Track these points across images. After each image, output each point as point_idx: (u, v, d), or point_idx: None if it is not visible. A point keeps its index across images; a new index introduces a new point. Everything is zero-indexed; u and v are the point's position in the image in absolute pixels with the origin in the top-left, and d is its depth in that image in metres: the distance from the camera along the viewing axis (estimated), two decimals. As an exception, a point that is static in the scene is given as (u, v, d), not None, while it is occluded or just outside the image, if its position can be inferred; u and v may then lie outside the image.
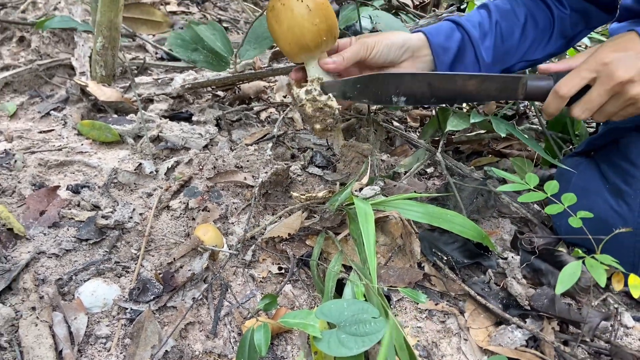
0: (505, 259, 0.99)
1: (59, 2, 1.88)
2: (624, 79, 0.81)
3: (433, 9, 1.99)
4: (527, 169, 1.21)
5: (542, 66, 0.92)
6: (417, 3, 2.03)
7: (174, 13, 2.24)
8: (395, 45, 0.97)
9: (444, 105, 1.25)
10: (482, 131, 1.50)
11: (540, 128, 1.41)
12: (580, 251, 0.86)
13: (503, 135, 1.02)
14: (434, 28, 1.01)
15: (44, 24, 1.16)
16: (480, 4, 1.10)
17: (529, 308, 0.90)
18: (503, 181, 1.22)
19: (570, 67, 0.88)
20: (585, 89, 0.86)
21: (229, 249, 0.99)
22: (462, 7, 1.81)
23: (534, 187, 0.89)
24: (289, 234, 1.00)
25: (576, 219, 0.82)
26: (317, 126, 0.97)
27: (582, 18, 1.10)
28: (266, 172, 1.15)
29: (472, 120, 1.08)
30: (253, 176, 1.19)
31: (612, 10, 1.11)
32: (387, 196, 1.07)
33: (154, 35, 2.00)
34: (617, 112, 0.86)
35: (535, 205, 1.19)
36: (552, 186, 0.88)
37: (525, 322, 0.88)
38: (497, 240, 1.10)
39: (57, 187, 1.11)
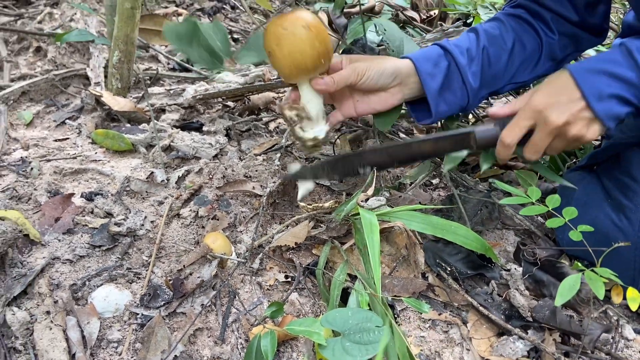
0: (509, 270, 1.01)
1: (75, 14, 1.93)
2: (559, 123, 0.85)
3: (440, 23, 2.01)
4: (531, 182, 1.23)
5: (491, 111, 0.97)
6: (424, 17, 2.06)
7: (185, 24, 2.28)
8: (386, 72, 0.99)
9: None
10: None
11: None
12: (580, 264, 0.87)
13: (486, 167, 1.02)
14: (421, 55, 1.03)
15: (62, 37, 1.20)
16: (470, 28, 1.13)
17: (530, 319, 0.91)
18: (507, 194, 1.24)
19: (514, 110, 0.92)
20: (531, 132, 0.91)
21: (237, 257, 1.02)
22: (468, 21, 1.83)
23: (536, 201, 0.91)
24: (296, 243, 1.03)
25: (576, 233, 0.84)
26: (301, 146, 1.05)
27: (572, 42, 1.11)
28: (274, 182, 1.17)
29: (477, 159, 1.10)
30: (261, 186, 1.22)
31: (601, 34, 1.12)
32: (392, 207, 1.09)
33: (166, 46, 2.04)
34: (564, 147, 0.91)
35: (539, 218, 1.21)
36: (553, 200, 0.90)
37: (527, 333, 0.89)
38: (501, 251, 1.12)
39: (72, 194, 1.14)
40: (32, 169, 1.23)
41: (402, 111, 1.23)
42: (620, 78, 0.83)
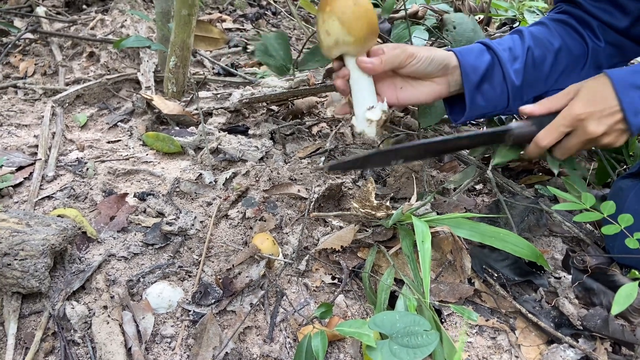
0: (558, 278, 0.99)
1: (125, 20, 2.00)
2: (597, 134, 0.88)
3: (485, 27, 1.99)
4: (580, 189, 1.20)
5: (527, 109, 0.96)
6: (469, 22, 2.03)
7: (229, 30, 2.34)
8: (436, 59, 0.98)
9: None
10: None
11: (593, 148, 1.39)
12: (637, 272, 0.86)
13: (556, 172, 1.02)
14: (464, 48, 1.03)
15: (120, 43, 1.25)
16: (514, 30, 1.12)
17: (581, 328, 0.90)
18: (555, 199, 1.22)
19: (550, 110, 0.94)
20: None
21: (284, 258, 1.04)
22: (514, 25, 1.81)
23: (590, 207, 0.90)
24: (342, 246, 1.04)
25: (633, 240, 0.82)
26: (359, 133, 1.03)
27: (618, 51, 1.09)
28: (319, 186, 1.19)
29: (522, 152, 1.08)
30: (306, 188, 1.24)
31: None
32: (437, 211, 1.09)
33: (210, 52, 2.09)
34: (588, 149, 0.96)
35: (588, 225, 1.18)
36: (608, 206, 0.88)
37: (577, 341, 0.88)
38: (548, 259, 1.10)
39: (126, 194, 1.19)
40: (87, 169, 1.28)
41: (445, 117, 1.23)
42: None
